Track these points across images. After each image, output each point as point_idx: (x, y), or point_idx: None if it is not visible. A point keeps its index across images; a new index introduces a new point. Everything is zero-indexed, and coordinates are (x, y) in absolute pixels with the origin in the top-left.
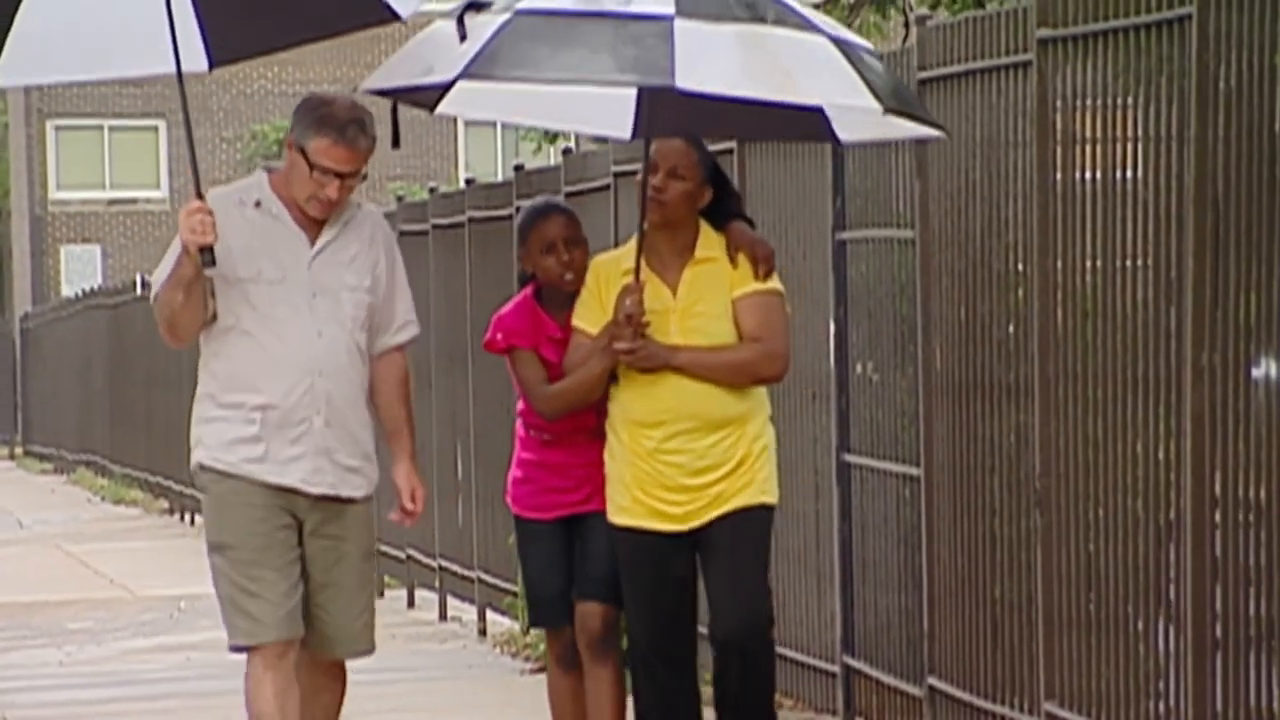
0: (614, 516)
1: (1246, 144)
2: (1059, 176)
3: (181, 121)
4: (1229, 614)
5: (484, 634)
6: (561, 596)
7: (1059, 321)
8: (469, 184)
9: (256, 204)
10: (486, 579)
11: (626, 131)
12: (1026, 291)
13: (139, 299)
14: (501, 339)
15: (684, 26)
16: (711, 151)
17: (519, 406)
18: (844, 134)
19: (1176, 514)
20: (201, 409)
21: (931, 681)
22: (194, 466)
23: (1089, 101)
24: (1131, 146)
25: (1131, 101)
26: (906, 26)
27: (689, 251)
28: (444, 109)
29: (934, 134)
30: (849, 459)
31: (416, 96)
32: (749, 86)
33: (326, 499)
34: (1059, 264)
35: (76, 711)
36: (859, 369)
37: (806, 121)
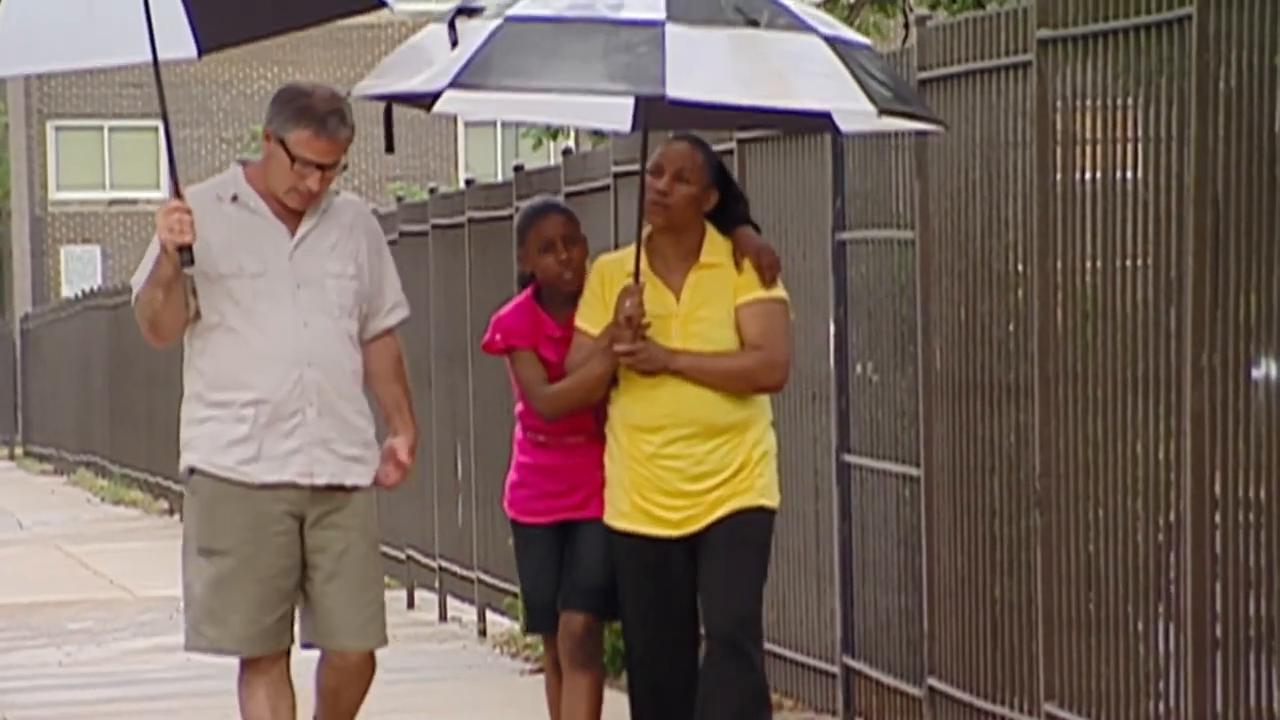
0: (611, 520)
1: (1246, 144)
2: (1059, 177)
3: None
4: (1229, 614)
5: (484, 634)
6: (555, 603)
7: (1059, 321)
8: (469, 184)
9: (234, 198)
10: (486, 579)
11: (626, 124)
12: (1026, 291)
13: None
14: (500, 340)
15: (675, 32)
16: (717, 154)
17: (518, 409)
18: (844, 125)
19: (1176, 514)
20: (190, 409)
21: (931, 682)
22: (184, 468)
23: (1089, 102)
24: (1131, 147)
25: (1131, 102)
26: (906, 27)
27: (694, 256)
28: (441, 108)
29: (934, 128)
30: (849, 459)
31: (411, 97)
32: (741, 93)
33: (329, 489)
34: (1059, 264)
35: (76, 711)
36: (859, 369)
37: (805, 115)
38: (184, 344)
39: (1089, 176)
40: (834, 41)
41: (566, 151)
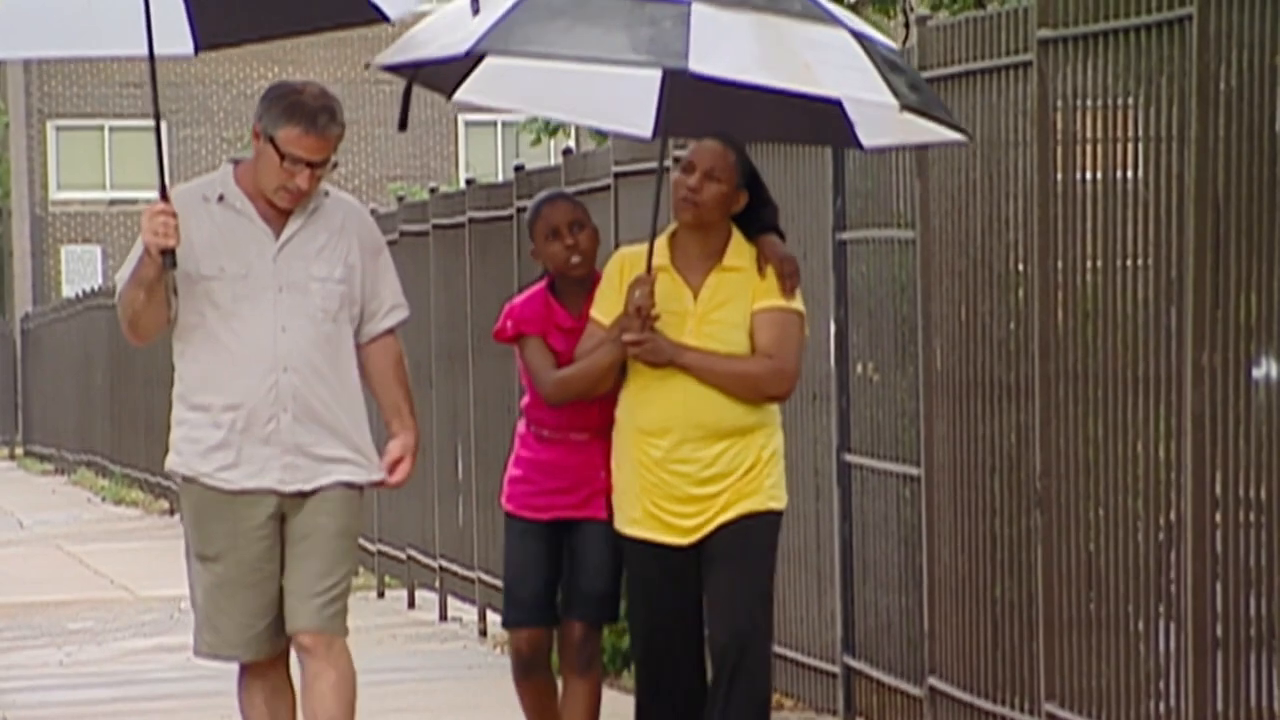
0: (623, 527)
1: (1246, 144)
2: (1059, 176)
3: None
4: (1229, 614)
5: (484, 634)
6: (536, 598)
7: (1059, 321)
8: (469, 184)
9: (220, 198)
10: (487, 579)
11: (648, 130)
12: (1026, 291)
13: None
14: (511, 326)
15: (702, 10)
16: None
17: (523, 402)
18: (866, 138)
19: (1177, 514)
20: (175, 410)
21: (932, 682)
22: (168, 468)
23: (1089, 102)
24: (1132, 146)
25: (1132, 102)
26: (907, 27)
27: (717, 257)
28: (462, 95)
29: (956, 137)
30: (849, 459)
31: (434, 80)
32: (764, 74)
33: (304, 493)
34: (1059, 264)
35: (76, 711)
36: (859, 369)
37: (828, 124)
38: (172, 343)
39: (1089, 176)
40: (861, 37)
41: (567, 151)
